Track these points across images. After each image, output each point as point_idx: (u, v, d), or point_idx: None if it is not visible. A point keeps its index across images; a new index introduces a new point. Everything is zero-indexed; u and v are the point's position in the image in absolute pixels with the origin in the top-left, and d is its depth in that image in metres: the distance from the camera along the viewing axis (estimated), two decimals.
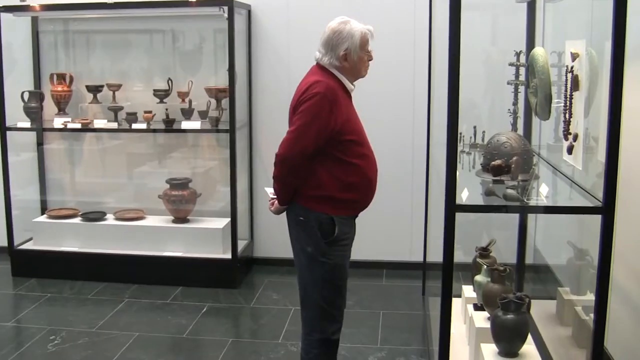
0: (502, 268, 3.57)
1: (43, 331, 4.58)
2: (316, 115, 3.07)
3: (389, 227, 5.60)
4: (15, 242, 5.69)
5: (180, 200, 5.52)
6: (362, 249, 4.08)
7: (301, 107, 3.10)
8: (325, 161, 3.15)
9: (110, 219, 5.70)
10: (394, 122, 5.44)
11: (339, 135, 3.12)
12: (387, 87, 5.38)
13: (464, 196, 2.79)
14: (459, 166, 2.80)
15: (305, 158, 3.10)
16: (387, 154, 4.75)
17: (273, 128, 5.41)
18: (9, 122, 5.54)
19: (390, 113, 5.44)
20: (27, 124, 5.63)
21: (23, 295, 5.32)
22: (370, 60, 3.28)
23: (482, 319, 3.61)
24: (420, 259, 5.18)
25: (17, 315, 4.99)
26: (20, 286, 5.45)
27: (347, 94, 3.26)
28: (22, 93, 5.60)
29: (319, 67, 3.24)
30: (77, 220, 5.69)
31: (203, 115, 5.39)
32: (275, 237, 5.64)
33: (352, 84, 3.29)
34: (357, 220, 3.37)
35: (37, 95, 5.66)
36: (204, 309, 4.95)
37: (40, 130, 5.80)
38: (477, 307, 3.78)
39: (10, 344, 4.51)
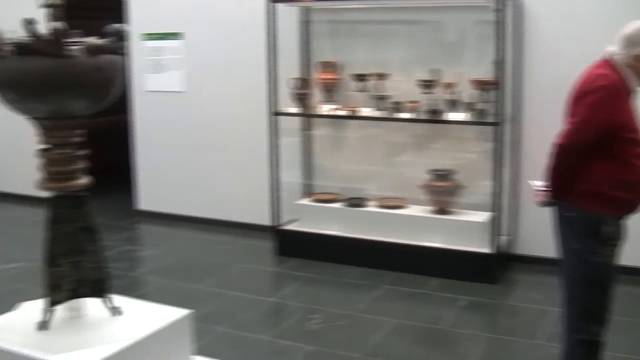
0: None
1: (303, 310, 5.00)
2: (601, 108, 3.15)
3: None
4: (281, 223, 6.22)
5: (443, 192, 5.74)
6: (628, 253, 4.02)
7: (586, 98, 3.20)
8: (602, 156, 3.21)
9: (371, 206, 6.05)
10: None
11: (620, 131, 3.17)
12: None
13: None
14: None
15: (585, 150, 3.19)
16: None
17: (543, 122, 5.46)
18: (280, 107, 6.09)
19: None
20: (296, 110, 6.13)
21: (285, 273, 5.83)
22: None
23: None
24: None
25: (278, 292, 5.50)
26: (283, 265, 5.97)
27: (631, 93, 3.30)
28: (290, 80, 6.10)
29: (607, 61, 3.30)
30: (339, 205, 6.11)
31: (468, 107, 5.56)
32: (538, 235, 5.65)
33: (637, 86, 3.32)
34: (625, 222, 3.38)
35: (306, 82, 6.14)
36: (461, 302, 5.11)
37: (308, 116, 6.28)
38: None
39: (272, 319, 5.01)
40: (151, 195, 7.46)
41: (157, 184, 7.39)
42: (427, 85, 5.70)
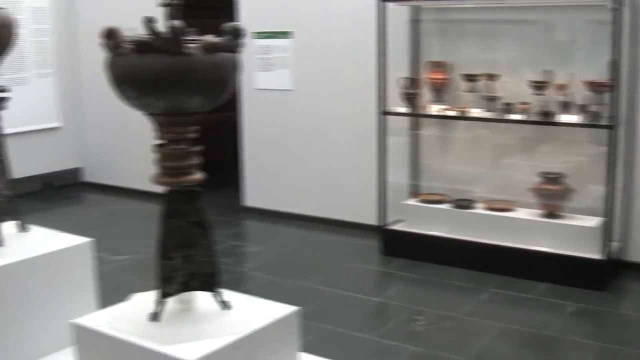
0: None
1: (408, 310, 4.97)
2: None
3: None
4: (387, 223, 6.20)
5: (553, 195, 5.60)
6: None
7: None
8: None
9: (479, 208, 5.96)
10: None
11: None
12: None
13: None
14: None
15: None
16: None
17: None
18: (388, 107, 6.07)
19: None
20: (404, 110, 6.10)
21: (390, 273, 5.81)
22: None
23: None
24: None
25: (383, 292, 5.49)
26: (388, 265, 5.94)
27: None
28: (399, 79, 6.06)
29: None
30: (446, 206, 6.04)
31: (581, 109, 5.41)
32: None
33: None
34: None
35: (415, 81, 6.10)
36: (569, 309, 4.98)
37: (417, 115, 6.24)
38: None
39: (377, 319, 5.01)
40: (257, 192, 7.54)
41: (263, 181, 7.47)
42: (539, 86, 5.58)
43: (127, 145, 8.43)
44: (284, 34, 7.03)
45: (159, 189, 2.67)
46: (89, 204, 8.53)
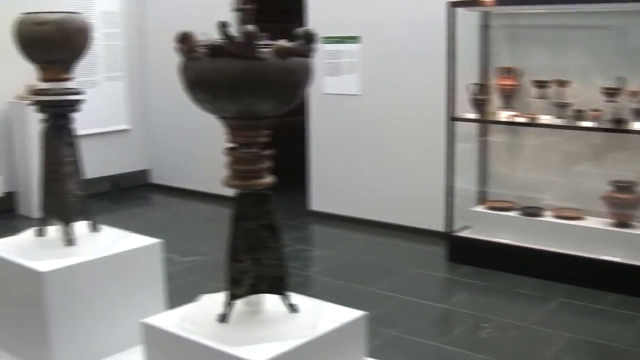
0: None
1: (473, 318, 4.92)
2: None
3: None
4: (454, 229, 6.16)
5: (624, 204, 5.48)
6: None
7: None
8: None
9: (547, 216, 5.87)
10: None
11: None
12: None
13: None
14: None
15: None
16: None
17: None
18: (456, 113, 6.04)
19: None
20: (473, 116, 6.05)
21: (456, 280, 5.76)
22: None
23: None
24: None
25: (449, 299, 5.46)
26: (454, 271, 5.90)
27: None
28: (468, 85, 6.02)
29: None
30: (514, 213, 5.97)
31: None
32: None
33: None
34: None
35: (484, 87, 6.05)
36: None
37: (486, 122, 6.18)
38: None
39: (442, 326, 4.98)
40: (323, 196, 7.57)
41: (329, 186, 7.49)
42: (611, 93, 5.47)
43: (193, 148, 8.55)
44: (352, 39, 7.04)
45: (224, 191, 2.70)
46: (155, 206, 8.66)
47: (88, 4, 8.14)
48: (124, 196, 8.69)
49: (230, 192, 2.70)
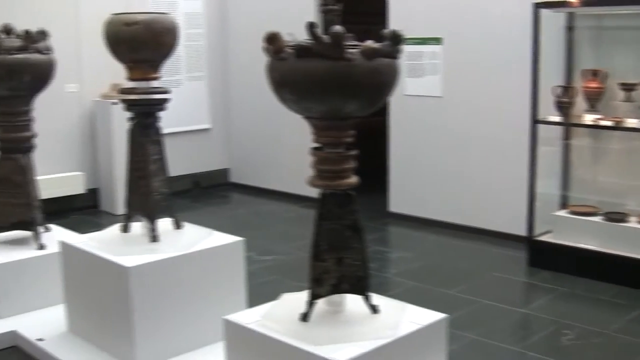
0: None
1: (554, 324, 4.83)
2: None
3: None
4: (535, 233, 6.07)
5: None
6: None
7: None
8: None
9: (632, 222, 5.73)
10: None
11: None
12: None
13: None
14: None
15: None
16: None
17: None
18: (540, 116, 5.94)
19: None
20: (557, 119, 5.95)
21: (537, 285, 5.67)
22: None
23: None
24: None
25: (530, 304, 5.37)
26: (535, 276, 5.80)
27: None
28: (553, 87, 5.92)
29: None
30: (597, 218, 5.84)
31: None
32: None
33: None
34: None
35: (569, 90, 5.94)
36: None
37: (571, 125, 6.07)
38: None
39: (522, 331, 4.90)
40: (403, 197, 7.54)
41: (409, 187, 7.46)
42: None
43: (273, 148, 8.63)
44: (434, 40, 7.01)
45: (304, 191, 2.73)
46: (235, 204, 8.76)
47: (172, 5, 8.29)
48: (204, 194, 8.82)
49: (309, 191, 2.72)
